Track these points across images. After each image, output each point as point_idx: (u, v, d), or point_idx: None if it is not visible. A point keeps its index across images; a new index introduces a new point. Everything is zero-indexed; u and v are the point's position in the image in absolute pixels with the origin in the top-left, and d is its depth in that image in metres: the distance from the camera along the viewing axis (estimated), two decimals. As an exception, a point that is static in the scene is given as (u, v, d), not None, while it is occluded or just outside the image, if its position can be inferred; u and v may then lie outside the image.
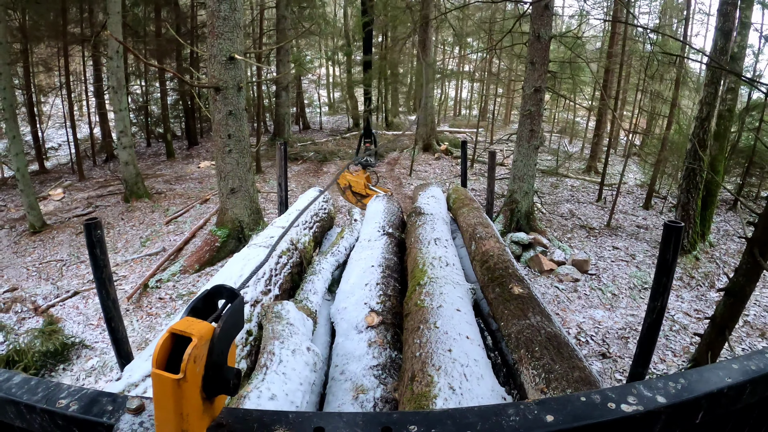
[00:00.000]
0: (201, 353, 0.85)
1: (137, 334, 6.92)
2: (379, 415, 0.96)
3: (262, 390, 1.89)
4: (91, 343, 6.80)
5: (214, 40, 8.09)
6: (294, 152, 18.60)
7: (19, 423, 1.03)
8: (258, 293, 2.88)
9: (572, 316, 7.64)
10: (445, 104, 31.70)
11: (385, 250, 3.86)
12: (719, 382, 1.00)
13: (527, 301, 2.77)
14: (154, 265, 9.04)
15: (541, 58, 9.48)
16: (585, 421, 0.90)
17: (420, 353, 2.24)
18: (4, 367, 5.96)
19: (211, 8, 8.06)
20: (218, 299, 0.99)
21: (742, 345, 6.77)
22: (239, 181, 8.99)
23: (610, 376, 6.23)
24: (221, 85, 8.22)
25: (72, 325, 7.33)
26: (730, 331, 4.52)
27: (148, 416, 0.94)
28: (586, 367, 2.11)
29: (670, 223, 2.62)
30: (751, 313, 7.62)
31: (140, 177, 13.66)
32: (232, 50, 8.12)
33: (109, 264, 2.97)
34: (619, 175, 13.56)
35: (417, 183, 14.02)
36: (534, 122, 9.89)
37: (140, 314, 7.53)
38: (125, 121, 12.85)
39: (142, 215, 12.29)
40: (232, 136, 8.58)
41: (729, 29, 8.83)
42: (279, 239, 1.50)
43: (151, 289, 8.24)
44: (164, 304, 7.79)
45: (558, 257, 9.33)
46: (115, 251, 10.10)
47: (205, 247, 9.09)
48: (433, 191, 5.97)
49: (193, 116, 21.60)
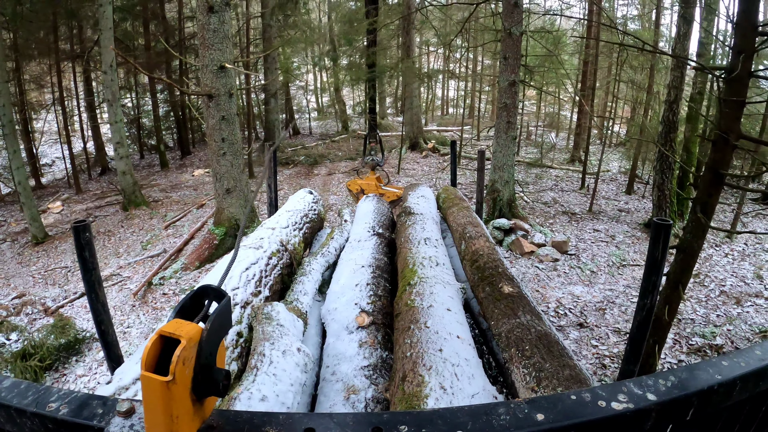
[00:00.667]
0: (190, 355, 0.85)
1: (144, 326, 7.48)
2: (370, 416, 0.96)
3: (253, 391, 1.88)
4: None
5: (205, 51, 8.57)
6: (285, 157, 18.94)
7: (9, 427, 1.02)
8: (248, 295, 2.87)
9: (552, 293, 7.97)
10: (433, 104, 32.04)
11: (376, 250, 3.86)
12: (709, 379, 1.00)
13: (517, 301, 2.78)
14: (156, 265, 9.48)
15: (513, 53, 9.92)
16: (575, 420, 0.91)
17: (411, 353, 2.24)
18: (20, 360, 6.39)
19: (201, 21, 8.56)
20: (205, 299, 0.99)
21: (717, 312, 7.18)
22: (234, 181, 9.42)
23: (586, 343, 6.57)
24: (214, 92, 8.71)
25: (82, 322, 7.67)
26: (684, 286, 4.79)
27: (138, 419, 0.93)
28: (576, 366, 2.12)
29: (658, 221, 2.63)
30: (728, 284, 8.06)
31: (137, 186, 14.09)
32: (223, 60, 8.63)
33: (98, 267, 2.93)
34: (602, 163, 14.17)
35: (405, 180, 14.95)
36: (510, 114, 10.31)
37: (146, 309, 8.08)
38: (121, 132, 13.37)
39: (141, 222, 12.75)
40: (225, 140, 9.06)
41: (691, 15, 9.21)
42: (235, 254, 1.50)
43: (155, 286, 8.74)
44: (168, 299, 8.30)
45: (538, 240, 9.65)
46: (118, 255, 10.60)
47: (204, 245, 9.69)
48: (423, 191, 5.98)
49: (185, 126, 22.04)
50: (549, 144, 19.86)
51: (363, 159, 8.64)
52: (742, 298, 7.58)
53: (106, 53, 12.80)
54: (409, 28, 18.48)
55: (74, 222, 2.79)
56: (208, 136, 9.52)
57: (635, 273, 8.57)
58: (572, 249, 9.65)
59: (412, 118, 19.98)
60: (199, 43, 8.83)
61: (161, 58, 19.31)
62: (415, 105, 20.21)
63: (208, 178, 16.68)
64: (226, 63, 8.69)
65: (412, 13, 17.34)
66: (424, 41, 25.28)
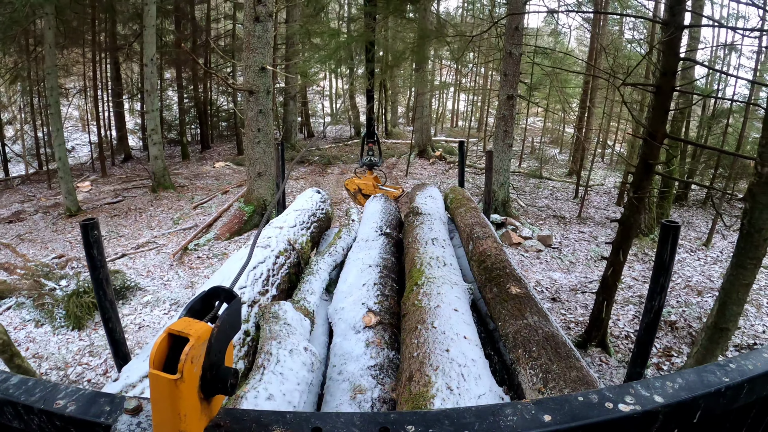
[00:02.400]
0: (198, 353, 0.85)
1: (183, 280, 8.76)
2: (377, 415, 0.96)
3: (260, 390, 1.89)
4: (144, 287, 8.45)
5: (249, 53, 9.93)
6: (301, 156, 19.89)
7: (17, 424, 1.03)
8: (255, 294, 2.88)
9: (532, 275, 8.97)
10: (443, 116, 33.18)
11: (383, 250, 3.86)
12: (717, 381, 1.00)
13: (525, 301, 2.77)
14: (189, 236, 10.75)
15: (512, 71, 11.04)
16: (582, 421, 0.91)
17: (418, 353, 2.24)
18: (74, 298, 7.24)
19: (248, 29, 9.91)
20: (216, 300, 0.99)
21: (678, 299, 8.17)
22: (264, 166, 10.80)
23: (557, 311, 7.62)
24: (254, 89, 10.11)
25: (125, 275, 8.66)
26: (624, 255, 5.84)
27: (145, 417, 0.94)
28: (583, 367, 2.11)
29: (667, 223, 2.62)
30: (694, 280, 9.02)
31: (167, 170, 15.43)
32: (264, 62, 10.03)
33: (106, 265, 2.94)
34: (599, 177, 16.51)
35: (412, 182, 15.83)
36: (507, 124, 11.42)
37: (183, 268, 9.33)
38: (156, 120, 14.71)
39: (169, 203, 13.94)
40: (261, 130, 10.50)
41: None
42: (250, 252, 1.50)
43: (191, 251, 10.00)
44: (202, 261, 9.57)
45: (526, 234, 10.74)
46: (150, 228, 11.86)
47: (234, 220, 11.15)
48: (431, 191, 5.97)
49: (206, 122, 23.16)
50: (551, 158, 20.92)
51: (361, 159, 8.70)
52: (704, 291, 8.51)
53: (149, 47, 14.02)
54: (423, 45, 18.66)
55: (83, 220, 2.80)
56: (246, 126, 10.81)
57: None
58: (556, 244, 10.68)
59: (422, 126, 20.81)
60: (245, 46, 10.10)
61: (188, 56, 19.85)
62: (425, 114, 21.07)
63: (228, 170, 18.13)
64: (266, 65, 10.03)
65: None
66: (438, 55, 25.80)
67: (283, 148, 6.08)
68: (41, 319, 7.21)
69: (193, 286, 8.51)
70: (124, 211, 13.17)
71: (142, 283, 8.54)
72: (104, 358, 6.39)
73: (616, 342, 6.79)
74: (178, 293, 8.19)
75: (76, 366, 6.27)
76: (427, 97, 21.41)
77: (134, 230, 11.73)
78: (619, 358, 6.34)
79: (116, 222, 12.26)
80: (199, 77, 21.52)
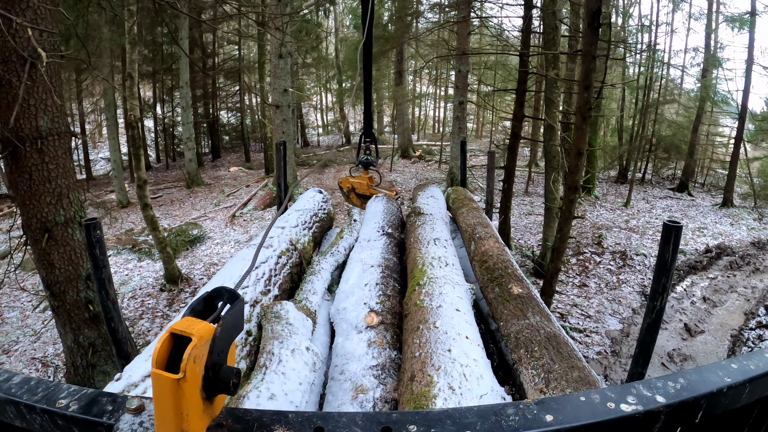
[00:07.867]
0: (201, 353, 0.85)
1: (238, 234, 13.01)
2: (379, 415, 0.96)
3: (262, 390, 1.89)
4: (212, 237, 12.84)
5: (275, 79, 14.15)
6: (300, 161, 22.39)
7: (19, 423, 1.03)
8: (257, 293, 2.88)
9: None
10: (425, 123, 38.20)
11: (385, 250, 3.85)
12: (719, 382, 1.00)
13: (526, 301, 2.77)
14: (232, 210, 14.94)
15: (462, 83, 14.97)
16: (584, 421, 0.91)
17: (420, 353, 2.23)
18: (160, 246, 9.58)
19: (274, 63, 14.16)
20: (219, 301, 0.99)
21: (589, 236, 13.06)
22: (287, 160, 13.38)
23: None
24: (279, 104, 13.95)
25: (202, 227, 13.16)
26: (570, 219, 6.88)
27: (148, 416, 0.94)
28: (585, 367, 2.11)
29: (669, 223, 2.60)
30: (602, 221, 14.62)
31: (199, 170, 19.31)
32: (285, 85, 14.02)
33: (108, 265, 2.94)
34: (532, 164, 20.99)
35: (394, 176, 20.05)
36: (461, 122, 15.05)
37: (236, 227, 13.61)
38: (191, 130, 18.47)
39: (204, 194, 17.69)
40: (285, 133, 13.99)
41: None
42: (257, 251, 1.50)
43: (237, 218, 14.38)
44: (248, 222, 14.02)
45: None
46: (196, 210, 15.66)
47: (266, 197, 15.82)
48: (433, 191, 5.96)
49: (216, 135, 27.16)
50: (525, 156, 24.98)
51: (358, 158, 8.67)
52: (611, 228, 13.66)
53: (184, 72, 17.86)
54: (402, 58, 23.48)
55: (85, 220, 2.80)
56: (272, 131, 15.15)
57: (535, 218, 14.42)
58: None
59: (403, 132, 25.10)
60: (272, 74, 14.48)
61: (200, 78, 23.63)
62: (406, 121, 25.47)
63: (242, 173, 21.50)
64: (288, 87, 14.06)
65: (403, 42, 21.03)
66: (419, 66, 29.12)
67: (285, 149, 6.08)
68: (143, 256, 11.26)
69: (247, 233, 12.97)
70: (167, 201, 16.88)
71: (210, 234, 12.86)
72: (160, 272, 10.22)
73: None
74: (237, 236, 12.60)
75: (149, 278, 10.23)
76: (407, 106, 25.89)
77: (183, 212, 15.45)
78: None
79: (165, 209, 15.83)
80: (209, 96, 25.20)
